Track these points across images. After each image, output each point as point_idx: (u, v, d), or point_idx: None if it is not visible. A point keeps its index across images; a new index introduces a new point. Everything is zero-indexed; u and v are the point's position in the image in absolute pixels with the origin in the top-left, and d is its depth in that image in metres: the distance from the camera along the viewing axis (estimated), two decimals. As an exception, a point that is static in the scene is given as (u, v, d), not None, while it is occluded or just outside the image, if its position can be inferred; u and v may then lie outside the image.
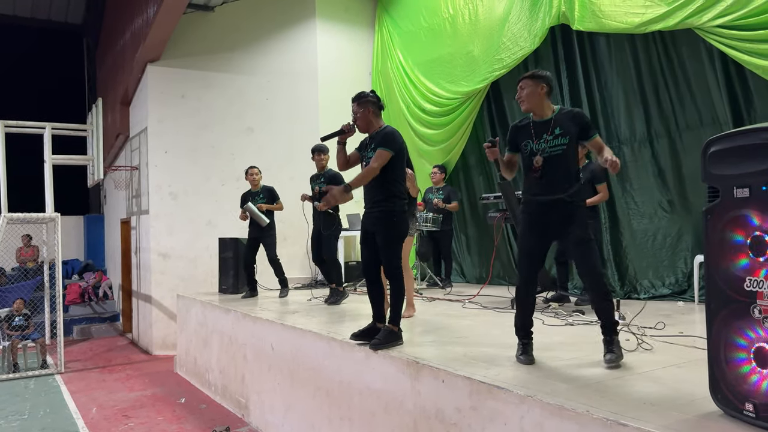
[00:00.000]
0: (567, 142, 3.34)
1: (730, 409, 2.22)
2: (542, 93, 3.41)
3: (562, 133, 3.35)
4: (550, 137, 3.37)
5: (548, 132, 3.38)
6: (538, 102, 3.42)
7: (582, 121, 3.38)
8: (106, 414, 5.95)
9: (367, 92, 4.14)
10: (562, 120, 3.38)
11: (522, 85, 3.46)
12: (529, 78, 3.44)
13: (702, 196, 5.73)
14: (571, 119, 3.38)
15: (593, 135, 3.37)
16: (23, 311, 8.01)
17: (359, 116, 4.05)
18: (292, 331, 4.84)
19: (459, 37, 8.71)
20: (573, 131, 3.35)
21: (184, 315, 7.82)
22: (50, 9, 14.86)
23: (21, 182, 10.08)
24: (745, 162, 2.18)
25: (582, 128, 3.36)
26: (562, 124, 3.37)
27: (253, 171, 7.32)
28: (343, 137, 4.17)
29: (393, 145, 3.91)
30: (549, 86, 3.44)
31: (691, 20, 5.52)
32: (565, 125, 3.36)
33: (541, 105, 3.42)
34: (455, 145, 8.93)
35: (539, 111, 3.44)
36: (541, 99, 3.41)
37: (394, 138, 3.94)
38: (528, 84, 3.43)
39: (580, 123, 3.37)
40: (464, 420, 2.97)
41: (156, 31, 8.06)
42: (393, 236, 3.92)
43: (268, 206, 7.15)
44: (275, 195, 7.26)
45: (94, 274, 12.66)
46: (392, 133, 3.96)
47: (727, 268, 2.23)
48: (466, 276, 9.16)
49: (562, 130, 3.35)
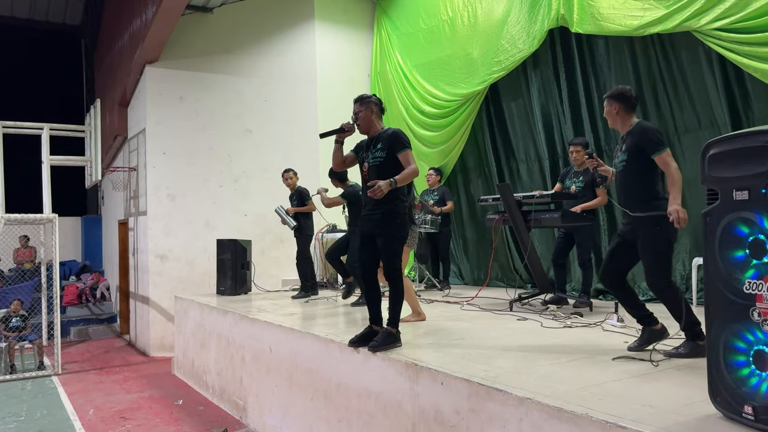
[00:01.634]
0: (626, 159, 3.55)
1: (729, 412, 2.22)
2: (614, 112, 3.67)
3: (622, 149, 3.61)
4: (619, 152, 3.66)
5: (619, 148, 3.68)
6: (614, 120, 3.70)
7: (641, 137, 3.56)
8: (104, 416, 5.93)
9: (370, 94, 4.15)
10: (626, 136, 3.65)
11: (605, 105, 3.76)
12: (606, 96, 3.72)
13: (700, 199, 5.74)
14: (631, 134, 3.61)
15: (658, 152, 3.50)
16: (20, 312, 7.98)
17: (361, 116, 4.06)
18: (290, 333, 4.83)
19: (458, 39, 8.71)
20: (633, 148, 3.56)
21: (181, 316, 7.80)
22: (48, 10, 14.85)
23: (19, 183, 10.06)
24: (744, 164, 2.18)
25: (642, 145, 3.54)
26: (626, 141, 3.64)
27: (287, 175, 7.36)
28: (342, 136, 4.17)
29: (408, 144, 3.98)
30: (622, 104, 3.64)
31: (689, 23, 5.53)
32: (627, 142, 3.61)
33: (618, 122, 3.68)
34: (454, 147, 8.94)
35: (619, 128, 3.71)
36: (615, 117, 3.67)
37: (405, 137, 4.00)
38: (605, 104, 3.72)
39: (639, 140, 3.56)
40: (463, 422, 2.97)
41: (154, 32, 8.06)
42: (396, 237, 3.92)
43: (296, 209, 7.17)
44: (305, 196, 7.25)
45: (92, 276, 12.64)
46: (401, 133, 4.01)
47: (727, 271, 2.23)
48: (464, 278, 9.16)
49: (625, 146, 3.61)
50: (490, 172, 8.62)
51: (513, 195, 5.90)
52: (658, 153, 3.45)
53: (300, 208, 7.17)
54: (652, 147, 3.46)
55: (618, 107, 3.60)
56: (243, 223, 9.44)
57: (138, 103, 9.68)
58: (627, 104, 3.59)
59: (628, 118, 3.62)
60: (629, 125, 3.62)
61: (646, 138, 3.47)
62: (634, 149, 3.50)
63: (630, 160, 3.52)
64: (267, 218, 9.48)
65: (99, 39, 14.30)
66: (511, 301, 5.78)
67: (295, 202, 7.24)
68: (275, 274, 9.23)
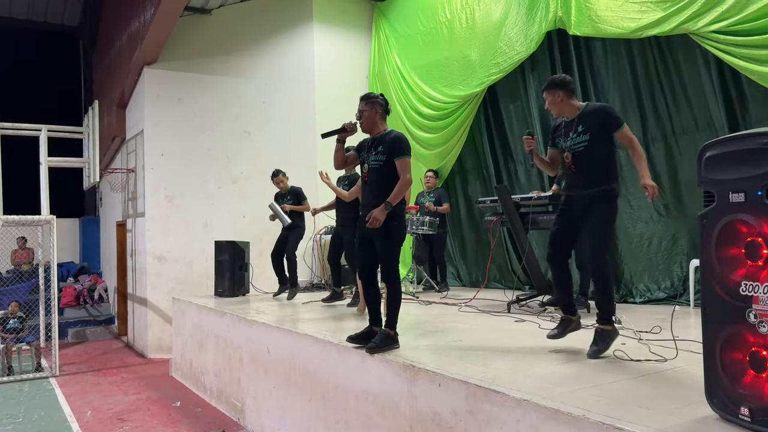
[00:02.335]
0: (588, 139, 3.57)
1: (726, 413, 2.23)
2: (558, 100, 3.72)
3: (577, 131, 3.62)
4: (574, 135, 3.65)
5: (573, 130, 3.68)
6: (560, 108, 3.76)
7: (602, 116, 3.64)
8: (101, 417, 5.92)
9: (377, 94, 4.14)
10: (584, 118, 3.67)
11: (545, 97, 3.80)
12: (543, 89, 3.78)
13: (697, 201, 5.74)
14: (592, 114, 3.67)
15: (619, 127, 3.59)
16: (18, 314, 7.97)
17: (365, 115, 4.04)
18: (288, 335, 4.83)
19: (456, 41, 8.73)
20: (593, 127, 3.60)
21: (179, 318, 7.80)
22: (46, 11, 14.84)
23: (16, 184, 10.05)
24: (741, 167, 2.19)
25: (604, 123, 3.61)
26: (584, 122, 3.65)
27: (278, 179, 7.39)
28: (344, 135, 4.16)
29: (408, 151, 3.97)
30: (563, 90, 3.70)
31: (686, 25, 5.55)
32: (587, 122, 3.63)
33: (565, 108, 3.74)
34: (452, 148, 8.95)
35: (566, 114, 3.75)
36: (561, 105, 3.73)
37: (407, 143, 3.99)
38: (546, 96, 3.77)
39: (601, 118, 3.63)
40: (461, 424, 2.97)
41: (153, 33, 8.05)
42: (394, 240, 3.93)
43: (292, 207, 7.18)
44: (301, 196, 7.29)
45: (90, 277, 12.62)
46: (403, 139, 3.99)
47: (723, 273, 2.24)
48: (462, 279, 9.16)
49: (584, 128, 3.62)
50: (488, 174, 8.63)
51: (511, 197, 5.91)
52: (620, 128, 3.56)
53: (297, 207, 7.17)
54: (615, 124, 3.57)
55: (561, 94, 3.70)
56: (241, 225, 9.43)
57: (136, 105, 9.67)
58: (568, 89, 3.70)
59: (572, 102, 3.72)
60: (577, 108, 3.71)
61: (609, 116, 3.58)
62: (596, 129, 3.57)
63: (593, 140, 3.57)
64: (265, 220, 9.41)
65: (97, 40, 14.29)
66: (509, 303, 5.78)
67: (290, 201, 7.23)
68: (273, 276, 9.21)
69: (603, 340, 3.52)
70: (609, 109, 3.65)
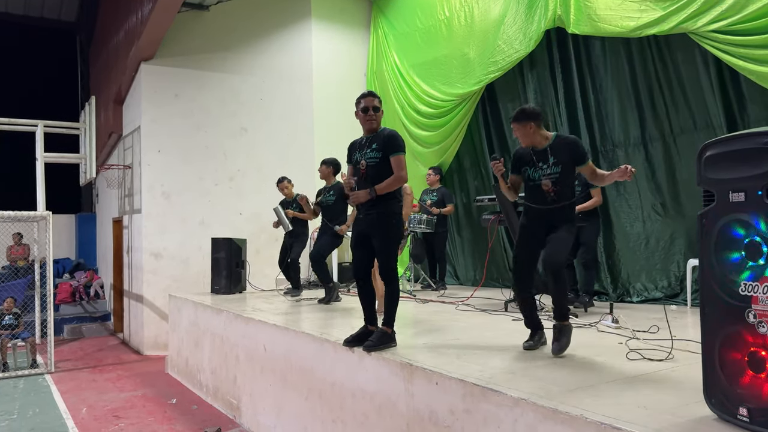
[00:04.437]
0: (560, 171, 3.69)
1: (725, 414, 2.22)
2: (530, 131, 3.75)
3: (549, 163, 3.72)
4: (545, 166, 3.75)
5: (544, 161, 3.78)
6: (531, 139, 3.78)
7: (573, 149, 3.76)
8: (96, 414, 5.90)
9: (375, 93, 4.12)
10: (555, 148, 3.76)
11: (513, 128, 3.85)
12: (514, 121, 3.81)
13: (695, 200, 5.76)
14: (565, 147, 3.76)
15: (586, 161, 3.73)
16: (13, 310, 7.94)
17: (377, 117, 4.02)
18: (284, 332, 4.82)
19: (454, 39, 8.71)
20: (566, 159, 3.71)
21: (175, 315, 7.78)
22: (43, 6, 14.77)
23: (12, 180, 10.01)
24: (740, 166, 2.18)
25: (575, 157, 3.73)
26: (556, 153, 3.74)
27: (281, 186, 7.40)
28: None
29: (403, 148, 3.98)
30: (535, 121, 3.76)
31: (685, 25, 5.55)
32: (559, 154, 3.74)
33: (537, 138, 3.77)
34: (449, 146, 8.94)
35: (537, 143, 3.79)
36: (532, 136, 3.76)
37: (401, 140, 3.99)
38: (516, 128, 3.79)
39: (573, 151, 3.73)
40: (457, 423, 2.96)
41: (150, 29, 8.02)
42: (391, 238, 3.92)
43: (295, 214, 7.15)
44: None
45: (86, 273, 12.58)
46: (398, 136, 4.00)
47: (722, 272, 2.23)
48: (459, 278, 9.16)
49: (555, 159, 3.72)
50: (486, 172, 8.62)
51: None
52: (586, 162, 3.72)
53: (300, 215, 7.12)
54: (583, 158, 3.71)
55: (533, 126, 3.74)
56: (238, 222, 9.42)
57: (133, 101, 9.64)
58: (539, 120, 3.77)
59: (543, 132, 3.79)
60: (547, 139, 3.78)
61: (578, 151, 3.71)
62: (569, 161, 3.69)
63: (563, 172, 3.69)
64: (262, 217, 9.45)
65: (94, 36, 14.24)
66: (507, 302, 5.77)
67: (295, 208, 7.21)
68: (270, 273, 9.19)
69: (565, 336, 3.60)
70: (580, 145, 3.78)
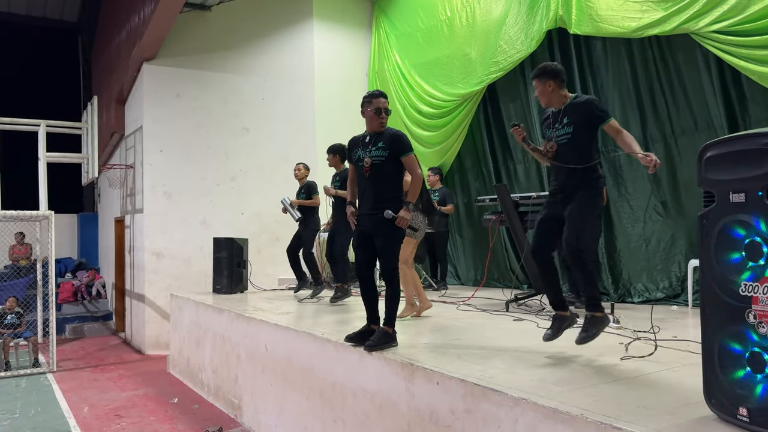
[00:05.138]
0: (571, 131, 3.53)
1: (725, 414, 2.22)
2: (549, 90, 3.64)
3: (563, 122, 3.57)
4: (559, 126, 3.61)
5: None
6: (549, 99, 3.68)
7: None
8: (98, 413, 5.92)
9: (382, 92, 4.13)
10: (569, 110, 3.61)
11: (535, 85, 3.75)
12: (535, 77, 3.71)
13: (696, 201, 5.75)
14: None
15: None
16: (15, 309, 7.96)
17: (385, 118, 4.04)
18: (285, 332, 4.82)
19: (456, 39, 8.71)
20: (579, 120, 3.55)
21: (177, 315, 7.79)
22: (45, 6, 14.80)
23: (15, 180, 10.03)
24: (741, 167, 2.18)
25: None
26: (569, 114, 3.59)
27: (296, 167, 7.22)
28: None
29: (411, 147, 4.02)
30: (555, 80, 3.64)
31: (687, 25, 5.54)
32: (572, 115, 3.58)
33: (555, 99, 3.67)
34: (451, 146, 8.94)
35: (555, 104, 3.69)
36: (551, 95, 3.66)
37: (408, 140, 4.04)
38: (536, 84, 3.70)
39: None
40: (458, 422, 2.97)
41: (152, 29, 8.04)
42: (396, 238, 3.93)
43: (300, 201, 6.97)
44: (312, 190, 7.03)
45: (88, 273, 12.60)
46: (404, 136, 4.04)
47: (722, 273, 2.23)
48: (460, 278, 9.16)
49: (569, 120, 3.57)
50: (488, 173, 8.62)
51: (510, 195, 5.90)
52: (608, 121, 3.51)
53: (305, 202, 6.98)
54: (602, 117, 3.51)
55: (552, 84, 3.62)
56: (240, 222, 9.43)
57: (135, 101, 9.65)
58: (559, 79, 3.64)
59: (561, 93, 3.66)
60: (566, 99, 3.65)
61: (595, 110, 3.52)
62: (581, 122, 3.51)
63: (576, 133, 3.52)
64: (264, 216, 9.47)
65: (96, 35, 14.26)
66: (508, 302, 5.78)
67: (302, 195, 7.07)
68: (271, 273, 9.21)
69: (594, 327, 3.43)
70: (595, 102, 3.59)
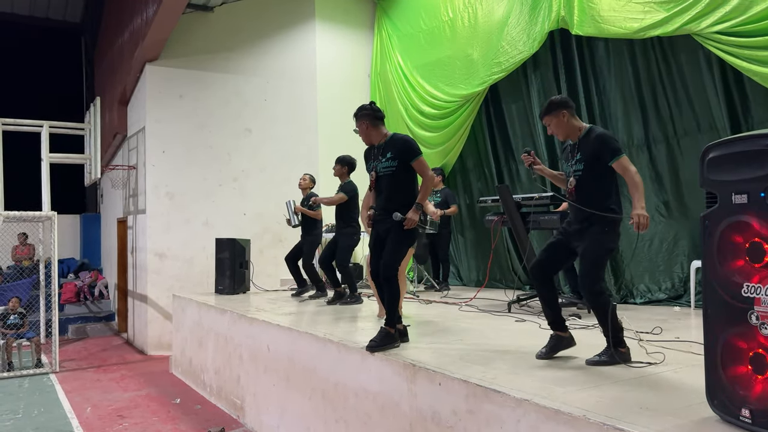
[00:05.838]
0: (582, 168, 3.44)
1: (727, 415, 2.22)
2: (564, 121, 3.52)
3: (577, 157, 3.47)
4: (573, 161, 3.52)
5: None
6: (566, 131, 3.55)
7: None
8: (101, 414, 5.93)
9: (365, 105, 4.14)
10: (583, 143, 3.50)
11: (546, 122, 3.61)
12: (544, 114, 3.57)
13: (699, 202, 5.75)
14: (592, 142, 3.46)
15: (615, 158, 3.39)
16: (18, 310, 7.98)
17: (360, 132, 4.12)
18: (288, 333, 4.83)
19: (458, 40, 8.72)
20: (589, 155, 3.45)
21: (179, 315, 7.80)
22: (48, 7, 14.84)
23: (18, 180, 10.06)
24: (743, 168, 2.18)
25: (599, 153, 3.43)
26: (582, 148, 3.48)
27: (302, 177, 7.35)
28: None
29: (419, 150, 4.07)
30: (568, 110, 3.52)
31: (689, 26, 5.54)
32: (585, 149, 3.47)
33: (572, 131, 3.55)
34: (453, 147, 8.94)
35: (572, 137, 3.57)
36: (566, 127, 3.53)
37: (415, 143, 4.08)
38: (550, 119, 3.55)
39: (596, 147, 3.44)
40: (460, 423, 2.97)
41: (155, 30, 8.06)
42: (403, 242, 3.95)
43: (305, 210, 7.03)
44: (316, 203, 7.03)
45: (90, 273, 12.63)
46: (411, 140, 4.09)
47: (725, 274, 2.23)
48: (463, 279, 9.16)
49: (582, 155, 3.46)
50: (490, 173, 8.62)
51: (512, 196, 5.90)
52: (616, 159, 3.36)
53: (310, 212, 7.02)
54: (610, 155, 3.37)
55: (566, 113, 3.48)
56: (242, 222, 9.44)
57: (138, 102, 9.67)
58: (571, 109, 3.51)
59: (576, 123, 3.53)
60: (580, 131, 3.52)
61: (605, 146, 3.38)
62: (591, 158, 3.40)
63: (587, 169, 3.42)
64: (266, 217, 9.49)
65: (99, 36, 14.30)
66: (510, 303, 5.77)
67: (307, 206, 7.15)
68: (274, 274, 9.23)
69: (609, 359, 3.29)
70: (608, 139, 3.42)
